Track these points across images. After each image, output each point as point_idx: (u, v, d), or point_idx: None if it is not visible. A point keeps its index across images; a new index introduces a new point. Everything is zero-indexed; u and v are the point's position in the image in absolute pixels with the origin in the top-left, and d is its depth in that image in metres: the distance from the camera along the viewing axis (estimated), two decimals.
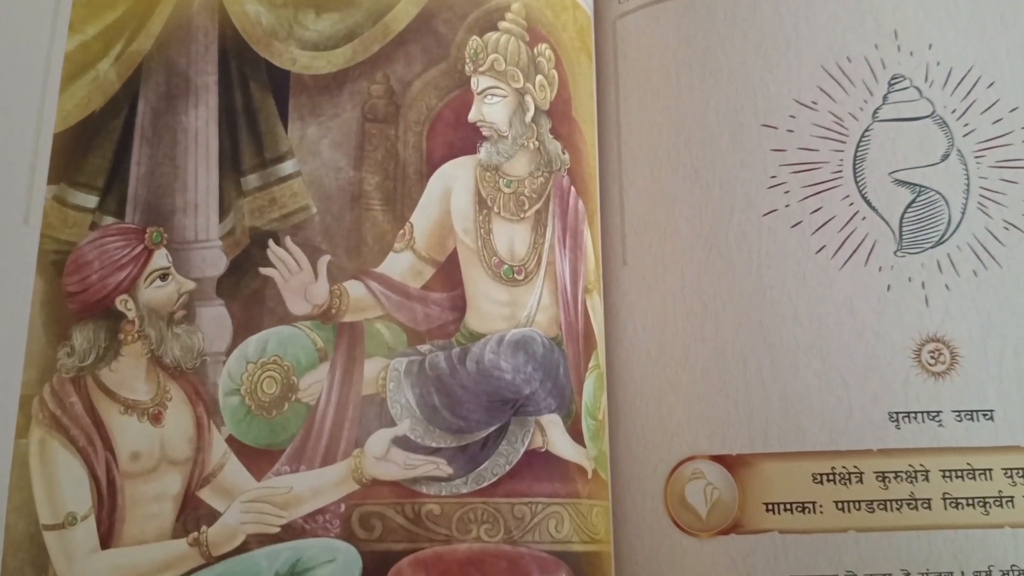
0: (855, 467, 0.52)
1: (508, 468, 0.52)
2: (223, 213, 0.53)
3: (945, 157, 0.56)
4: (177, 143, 0.54)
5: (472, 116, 0.56)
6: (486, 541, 0.50)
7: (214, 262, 0.52)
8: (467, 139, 0.56)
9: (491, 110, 0.56)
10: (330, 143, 0.54)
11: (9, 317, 0.50)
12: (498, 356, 0.52)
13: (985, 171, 0.56)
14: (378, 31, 0.56)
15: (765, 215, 0.56)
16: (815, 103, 0.57)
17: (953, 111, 0.57)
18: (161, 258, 0.52)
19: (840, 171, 0.56)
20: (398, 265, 0.53)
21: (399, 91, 0.55)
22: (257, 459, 0.50)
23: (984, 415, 0.53)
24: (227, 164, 0.54)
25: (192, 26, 0.55)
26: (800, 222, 0.55)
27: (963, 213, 0.56)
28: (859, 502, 0.52)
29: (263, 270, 0.52)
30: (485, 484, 0.51)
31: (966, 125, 0.57)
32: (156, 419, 0.50)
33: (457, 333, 0.53)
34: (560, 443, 0.53)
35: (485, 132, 0.56)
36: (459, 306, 0.54)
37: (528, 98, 0.56)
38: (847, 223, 0.56)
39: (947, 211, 0.56)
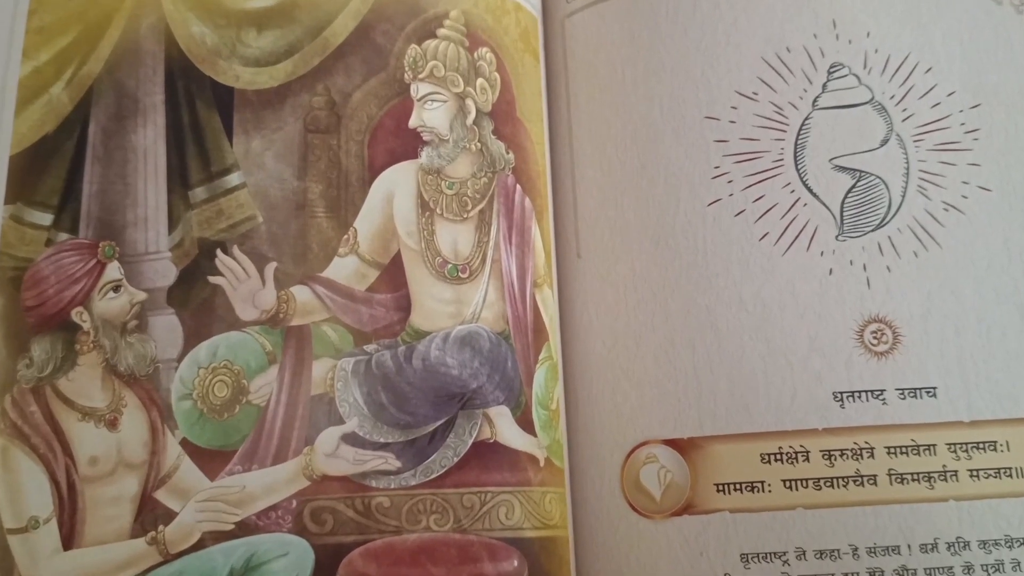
0: (801, 446, 0.55)
1: (456, 460, 0.55)
2: (172, 226, 0.57)
3: (884, 142, 0.59)
4: (127, 161, 0.58)
5: (412, 122, 0.60)
6: (435, 530, 0.54)
7: (164, 273, 0.56)
8: (408, 145, 0.60)
9: (431, 115, 0.60)
10: (274, 155, 0.58)
11: None
12: (444, 352, 0.56)
13: (924, 154, 0.59)
14: (318, 45, 0.60)
15: (710, 205, 0.59)
16: (756, 94, 0.60)
17: (892, 97, 0.60)
18: (113, 271, 0.56)
19: (781, 159, 0.59)
20: (343, 269, 0.57)
21: (340, 102, 0.60)
22: (210, 460, 0.54)
23: (927, 392, 0.55)
24: (175, 179, 0.58)
25: (140, 49, 0.60)
26: (743, 211, 0.58)
27: (903, 196, 0.58)
28: (806, 480, 0.54)
29: (212, 279, 0.56)
30: (434, 476, 0.55)
31: (904, 110, 0.60)
32: (112, 425, 0.54)
33: (403, 332, 0.57)
34: (509, 434, 0.56)
35: (426, 137, 0.60)
36: (404, 306, 0.57)
37: (469, 102, 0.60)
38: (789, 210, 0.58)
39: (887, 195, 0.59)
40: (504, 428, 0.56)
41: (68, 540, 0.52)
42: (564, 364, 0.60)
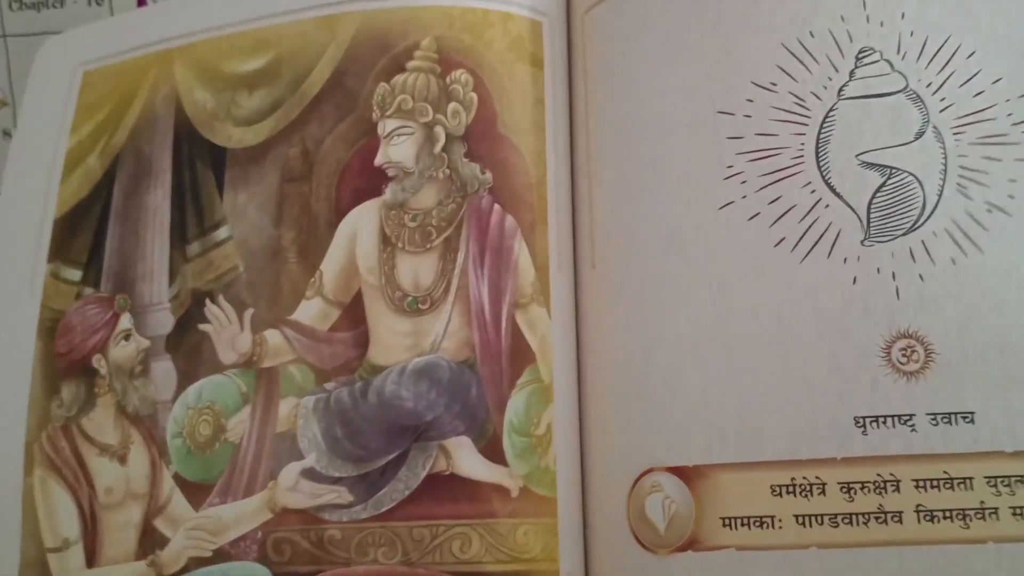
0: (817, 477, 0.50)
1: (407, 492, 0.58)
2: (171, 278, 0.64)
3: (920, 135, 0.54)
4: (140, 220, 0.66)
5: (378, 160, 0.63)
6: (383, 563, 0.57)
7: (164, 322, 0.64)
8: (373, 183, 0.63)
9: (397, 150, 0.62)
10: (256, 206, 0.64)
11: (17, 374, 0.64)
12: (399, 386, 0.59)
13: (965, 148, 0.53)
14: (296, 98, 0.65)
15: (721, 208, 0.55)
16: (774, 84, 0.56)
17: (928, 85, 0.54)
18: (126, 321, 0.64)
19: (801, 156, 0.54)
20: (309, 311, 0.62)
21: (312, 150, 0.64)
22: (196, 492, 0.61)
23: (963, 418, 0.49)
24: (176, 234, 0.65)
25: (155, 117, 0.68)
26: (758, 213, 0.54)
27: (939, 195, 0.52)
28: (822, 516, 0.49)
29: (201, 326, 0.63)
30: (383, 509, 0.58)
31: (943, 100, 0.54)
32: (123, 460, 0.62)
33: (360, 368, 0.60)
34: (468, 465, 0.58)
35: (391, 172, 0.62)
36: (362, 342, 0.61)
37: (438, 129, 0.62)
38: (809, 212, 0.53)
39: (921, 194, 0.53)
40: (463, 459, 0.58)
41: (90, 560, 0.61)
42: (579, 384, 0.58)
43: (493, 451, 0.58)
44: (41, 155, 0.69)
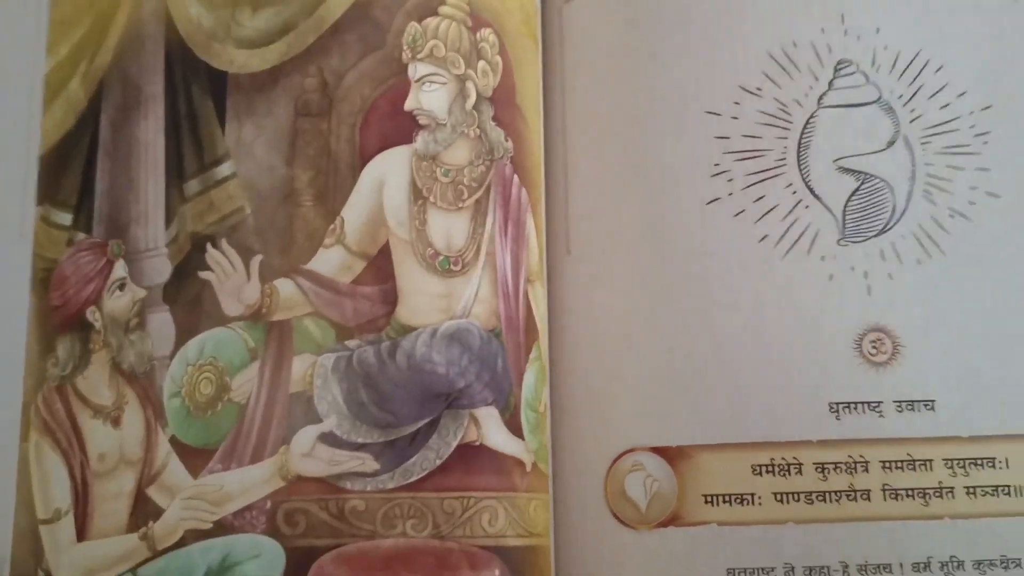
0: (794, 458, 0.54)
1: (438, 462, 0.54)
2: (168, 220, 0.58)
3: (891, 144, 0.58)
4: (131, 155, 0.59)
5: (409, 104, 0.58)
6: (412, 536, 0.53)
7: (161, 269, 0.58)
8: (403, 129, 0.58)
9: (429, 98, 0.58)
10: (264, 142, 0.58)
11: (11, 330, 0.58)
12: (430, 349, 0.54)
13: (931, 157, 0.57)
14: (312, 23, 0.59)
15: (708, 204, 0.58)
16: (760, 89, 0.59)
17: (900, 96, 0.58)
18: (120, 269, 0.58)
19: (784, 159, 0.58)
20: (328, 261, 0.57)
21: (332, 83, 0.58)
22: (195, 458, 0.55)
23: (925, 405, 0.54)
24: (172, 171, 0.59)
25: (143, 35, 0.61)
26: (743, 211, 0.57)
27: (908, 200, 0.57)
28: (798, 493, 0.53)
29: (202, 274, 0.57)
30: (413, 479, 0.54)
31: (913, 111, 0.58)
32: (116, 422, 0.56)
33: (387, 327, 0.55)
34: (496, 436, 0.54)
35: (422, 121, 0.58)
36: (390, 299, 0.56)
37: (469, 84, 0.58)
38: (790, 212, 0.57)
39: (892, 199, 0.57)
40: (491, 430, 0.54)
41: (80, 532, 0.56)
42: (552, 365, 0.58)
43: (514, 424, 0.55)
44: (17, 80, 0.61)
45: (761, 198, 0.57)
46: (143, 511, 0.56)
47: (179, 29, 0.61)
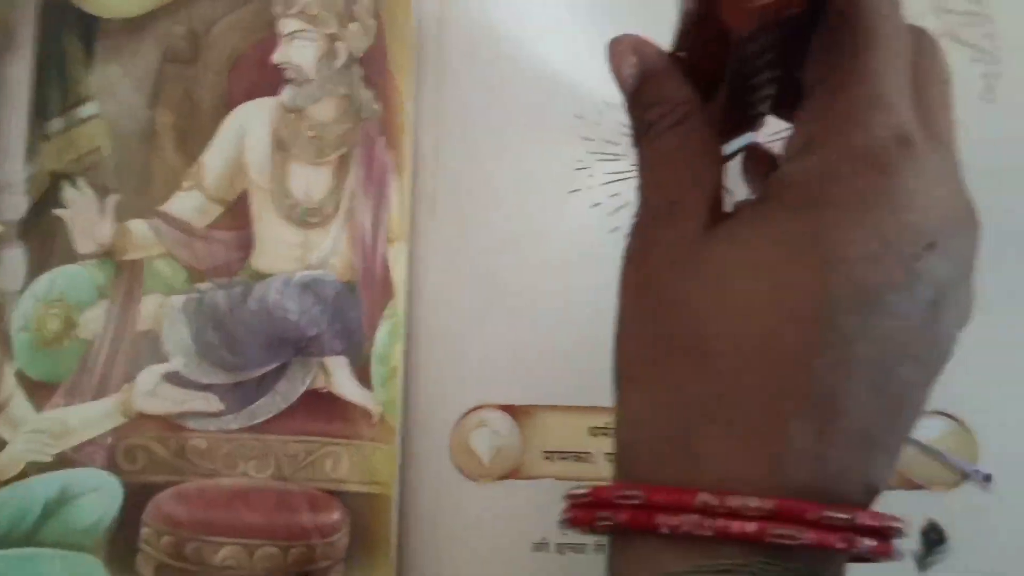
0: None
1: (284, 407, 0.55)
2: (28, 157, 0.58)
3: None
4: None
5: (277, 58, 0.59)
6: (254, 477, 0.53)
7: (18, 206, 0.57)
8: (270, 81, 0.59)
9: (298, 52, 0.59)
10: (129, 84, 0.59)
11: None
12: (283, 296, 0.56)
13: None
14: None
15: (571, 193, 0.62)
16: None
17: None
18: None
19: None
20: (185, 204, 0.57)
21: (201, 31, 0.59)
22: (40, 392, 0.55)
23: None
24: (36, 109, 0.59)
25: None
26: (599, 203, 0.61)
27: None
28: None
29: (56, 211, 0.57)
30: (257, 421, 0.54)
31: None
32: None
33: (241, 272, 0.56)
34: (344, 385, 0.56)
35: (290, 75, 0.59)
36: (245, 245, 0.57)
37: (339, 44, 0.59)
38: None
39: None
40: (340, 379, 0.56)
41: None
42: (409, 323, 0.60)
43: (364, 376, 0.57)
44: None
45: (616, 194, 0.61)
46: None
47: None
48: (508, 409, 0.58)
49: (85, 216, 0.57)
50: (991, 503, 0.56)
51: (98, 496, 0.53)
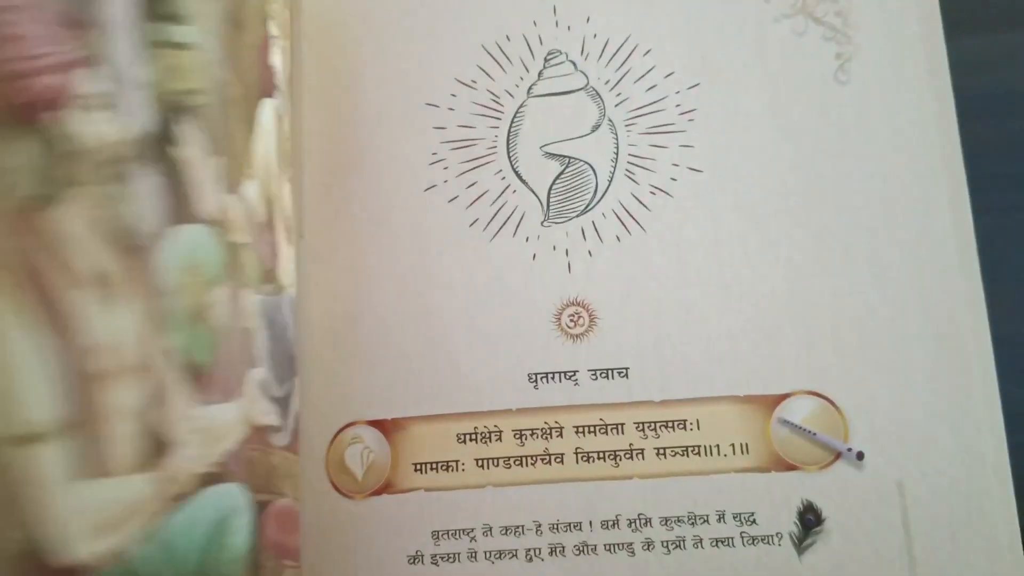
0: (495, 426, 0.58)
1: None
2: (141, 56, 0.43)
3: (596, 127, 0.63)
4: None
5: None
6: None
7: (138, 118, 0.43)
8: None
9: None
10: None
11: None
12: None
13: (635, 139, 0.64)
14: None
15: (426, 190, 0.60)
16: (475, 82, 0.62)
17: (607, 82, 0.64)
18: None
19: (495, 147, 0.62)
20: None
21: None
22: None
23: (619, 373, 0.60)
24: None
25: None
26: (457, 196, 0.60)
27: (610, 181, 0.63)
28: (497, 459, 0.58)
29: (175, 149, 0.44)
30: None
31: (619, 95, 0.64)
32: None
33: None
34: None
35: None
36: None
37: None
38: (499, 196, 0.61)
39: (595, 180, 0.63)
40: None
41: None
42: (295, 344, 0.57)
43: None
44: None
45: (473, 184, 0.60)
46: None
47: None
48: (377, 424, 0.57)
49: (200, 168, 0.46)
50: (863, 481, 0.56)
51: (243, 519, 0.47)
